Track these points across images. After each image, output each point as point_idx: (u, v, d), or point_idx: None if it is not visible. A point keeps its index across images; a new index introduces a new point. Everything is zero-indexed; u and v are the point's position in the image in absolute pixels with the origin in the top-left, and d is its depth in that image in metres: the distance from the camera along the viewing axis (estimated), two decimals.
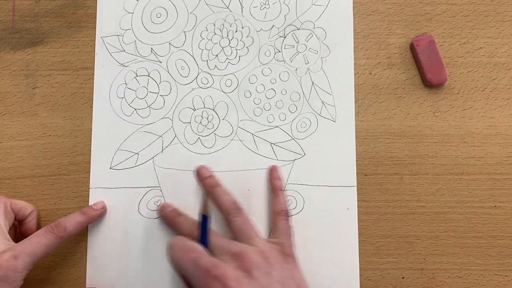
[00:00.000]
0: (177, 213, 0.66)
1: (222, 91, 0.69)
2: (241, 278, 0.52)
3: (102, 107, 0.69)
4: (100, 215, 0.66)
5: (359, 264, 0.67)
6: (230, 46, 0.69)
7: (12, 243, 0.60)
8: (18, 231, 0.66)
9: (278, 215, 0.64)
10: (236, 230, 0.61)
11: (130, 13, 0.70)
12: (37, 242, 0.59)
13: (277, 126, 0.69)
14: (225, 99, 0.69)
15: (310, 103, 0.69)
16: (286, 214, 0.64)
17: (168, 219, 0.66)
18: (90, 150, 0.68)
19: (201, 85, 0.69)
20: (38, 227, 0.67)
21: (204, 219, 0.60)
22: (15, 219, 0.65)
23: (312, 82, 0.69)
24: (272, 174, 0.67)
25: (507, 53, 0.70)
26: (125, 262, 0.67)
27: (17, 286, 0.57)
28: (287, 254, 0.58)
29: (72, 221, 0.63)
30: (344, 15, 0.70)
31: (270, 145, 0.68)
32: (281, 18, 0.70)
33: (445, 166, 0.69)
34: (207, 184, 0.65)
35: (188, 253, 0.55)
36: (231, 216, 0.61)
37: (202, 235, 0.59)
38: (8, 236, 0.60)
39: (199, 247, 0.56)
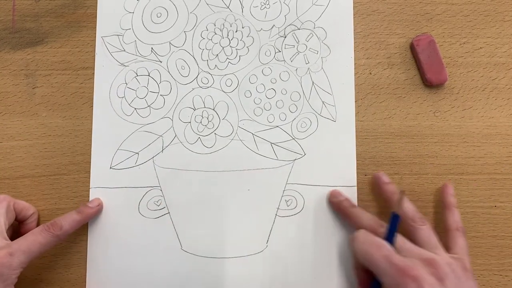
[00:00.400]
0: (351, 204, 0.66)
1: (222, 91, 0.69)
2: (435, 284, 0.54)
3: (102, 106, 0.69)
4: (96, 212, 0.67)
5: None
6: (231, 46, 0.69)
7: (9, 241, 0.60)
8: (17, 231, 0.66)
9: (456, 232, 0.63)
10: (421, 239, 0.60)
11: (130, 12, 0.70)
12: (33, 240, 0.60)
13: (277, 126, 0.69)
14: (225, 99, 0.69)
15: (310, 103, 0.69)
16: (463, 231, 0.63)
17: (342, 208, 0.66)
18: (90, 150, 0.68)
19: (201, 84, 0.69)
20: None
21: (396, 218, 0.60)
22: (16, 219, 0.65)
23: (313, 82, 0.69)
24: (447, 191, 0.67)
25: (507, 53, 0.70)
26: (125, 262, 0.67)
27: (11, 283, 0.58)
28: (468, 270, 0.58)
29: (68, 220, 0.63)
30: (345, 15, 0.70)
31: (270, 145, 0.68)
32: (281, 18, 0.70)
33: (445, 166, 0.69)
34: (387, 190, 0.66)
35: (380, 250, 0.57)
36: (417, 224, 0.61)
37: (391, 233, 0.59)
38: (5, 234, 0.61)
39: (389, 245, 0.58)
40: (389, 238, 0.59)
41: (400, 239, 0.59)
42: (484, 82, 0.70)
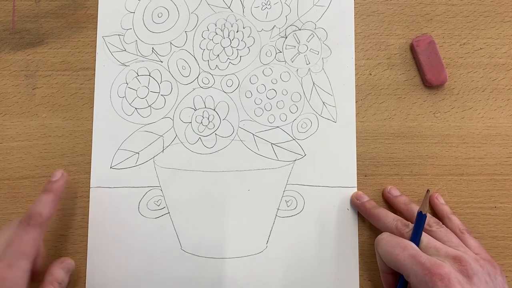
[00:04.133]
0: (374, 205, 0.66)
1: (223, 91, 0.69)
2: (463, 282, 0.53)
3: (103, 106, 0.69)
4: (63, 184, 0.63)
5: (359, 264, 0.67)
6: (231, 46, 0.70)
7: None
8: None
9: (463, 235, 0.62)
10: (442, 240, 0.60)
11: (131, 12, 0.70)
12: (21, 241, 0.57)
13: (277, 127, 0.69)
14: (226, 99, 0.69)
15: (311, 104, 0.69)
16: (469, 232, 0.63)
17: (366, 209, 0.66)
18: (90, 151, 0.68)
19: (202, 85, 0.69)
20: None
21: (421, 217, 0.60)
22: None
23: (313, 83, 0.69)
24: (437, 202, 0.67)
25: (507, 54, 0.70)
26: (125, 262, 0.67)
27: None
28: (497, 266, 0.58)
29: (42, 205, 0.60)
30: (345, 15, 0.70)
31: (271, 145, 0.68)
32: (282, 18, 0.70)
33: (445, 166, 0.69)
34: (400, 201, 0.66)
35: (406, 250, 0.57)
36: (433, 227, 0.61)
37: (417, 233, 0.59)
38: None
39: (414, 244, 0.58)
40: (415, 238, 0.59)
41: (425, 238, 0.59)
42: (484, 83, 0.70)
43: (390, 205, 0.67)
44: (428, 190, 0.61)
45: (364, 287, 0.67)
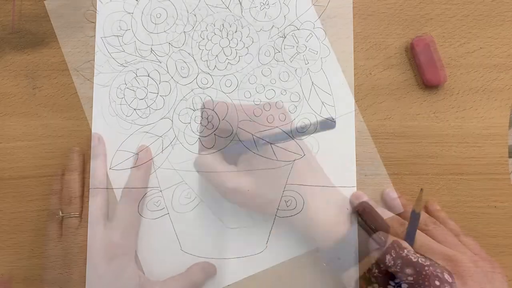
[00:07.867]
0: (371, 204, 0.66)
1: (222, 92, 0.69)
2: (454, 283, 0.53)
3: (102, 107, 0.69)
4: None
5: (359, 264, 0.67)
6: (230, 47, 0.69)
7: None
8: None
9: (460, 237, 0.63)
10: (439, 239, 0.60)
11: (130, 13, 0.70)
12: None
13: (276, 126, 0.68)
14: (225, 100, 0.69)
15: (310, 104, 0.69)
16: (465, 235, 0.63)
17: (363, 209, 0.65)
18: (90, 151, 0.68)
19: (201, 85, 0.69)
20: (39, 227, 0.68)
21: (415, 216, 0.60)
22: None
23: (312, 83, 0.69)
24: (433, 209, 0.67)
25: (507, 54, 0.70)
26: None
27: None
28: (494, 267, 0.58)
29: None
30: (344, 15, 0.70)
31: (270, 145, 0.68)
32: (281, 18, 0.70)
33: (444, 166, 0.69)
34: (397, 205, 0.66)
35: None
36: (430, 227, 0.62)
37: (411, 232, 0.59)
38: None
39: (407, 244, 0.58)
40: (410, 237, 0.59)
41: (421, 237, 0.59)
42: (483, 82, 0.70)
43: (388, 207, 0.67)
44: (421, 189, 0.61)
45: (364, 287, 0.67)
